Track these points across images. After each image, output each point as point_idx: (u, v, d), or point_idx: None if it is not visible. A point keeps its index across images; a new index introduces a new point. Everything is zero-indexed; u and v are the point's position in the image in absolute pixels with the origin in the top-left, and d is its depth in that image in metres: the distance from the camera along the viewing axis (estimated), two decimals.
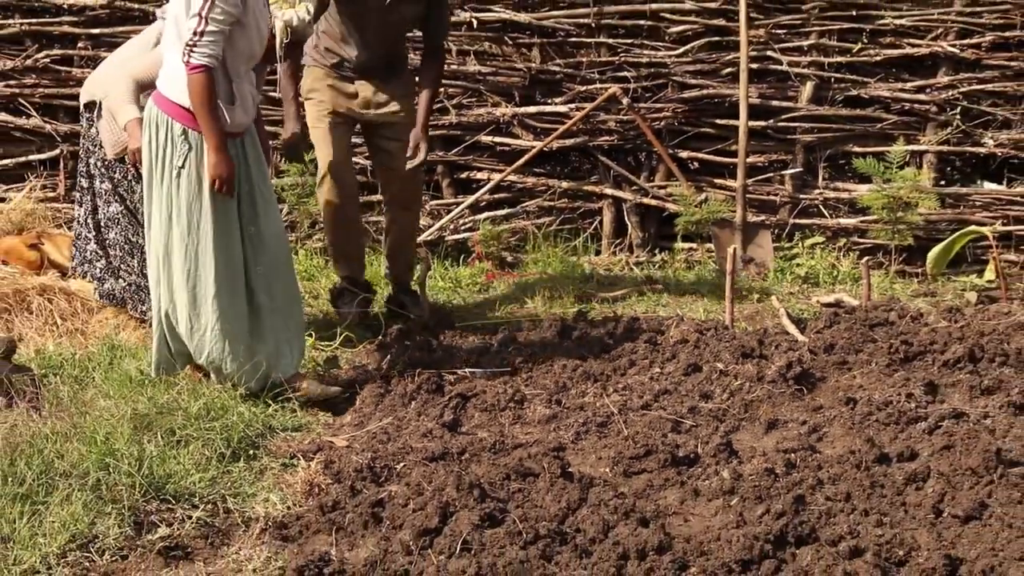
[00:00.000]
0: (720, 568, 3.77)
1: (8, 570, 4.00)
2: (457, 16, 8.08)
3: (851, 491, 4.42)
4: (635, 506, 4.32)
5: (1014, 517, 4.06)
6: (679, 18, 8.07)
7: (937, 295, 7.24)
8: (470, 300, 7.18)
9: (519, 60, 8.16)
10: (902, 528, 4.13)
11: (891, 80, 8.08)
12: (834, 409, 5.28)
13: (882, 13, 8.02)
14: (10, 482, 4.42)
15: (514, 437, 5.12)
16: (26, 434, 4.75)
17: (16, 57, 8.00)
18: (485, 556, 3.91)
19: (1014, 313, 6.60)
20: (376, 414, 5.43)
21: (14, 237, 6.81)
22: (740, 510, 4.25)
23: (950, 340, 6.04)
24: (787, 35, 8.05)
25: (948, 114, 8.00)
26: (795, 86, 8.08)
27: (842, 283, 7.48)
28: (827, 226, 7.98)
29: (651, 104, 8.09)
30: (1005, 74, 8.01)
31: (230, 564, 4.21)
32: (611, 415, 5.28)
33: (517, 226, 8.06)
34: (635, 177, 8.17)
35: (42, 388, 5.32)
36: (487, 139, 8.12)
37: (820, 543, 3.99)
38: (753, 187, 7.99)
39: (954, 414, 5.07)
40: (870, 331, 6.27)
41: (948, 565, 3.82)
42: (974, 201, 7.97)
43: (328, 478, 4.75)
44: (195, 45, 4.76)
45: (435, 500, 4.32)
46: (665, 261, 8.00)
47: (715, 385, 5.64)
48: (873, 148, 7.97)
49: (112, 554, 4.21)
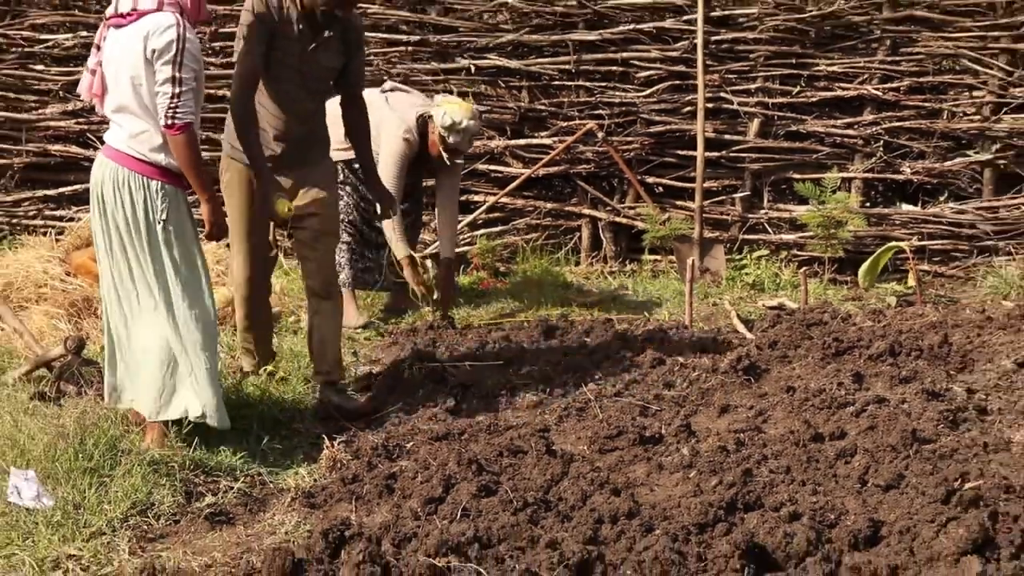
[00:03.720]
0: (680, 530, 3.79)
1: (80, 532, 4.01)
2: (457, 63, 8.11)
3: (791, 465, 4.43)
4: (609, 478, 4.33)
5: (926, 486, 4.08)
6: (646, 65, 8.10)
7: (863, 299, 7.26)
8: (469, 304, 7.19)
9: (510, 100, 8.19)
10: (833, 496, 4.14)
11: (825, 118, 8.11)
12: (776, 396, 5.30)
13: (817, 61, 8.05)
14: (80, 458, 4.42)
15: (506, 420, 5.14)
16: (94, 417, 4.74)
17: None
18: (482, 521, 3.92)
19: (927, 315, 6.64)
20: (389, 400, 5.45)
21: (83, 253, 6.80)
22: (697, 481, 4.27)
23: (874, 337, 6.07)
24: (737, 79, 8.08)
25: (872, 146, 8.04)
26: (744, 122, 8.11)
27: (784, 289, 7.50)
28: (771, 241, 8.00)
29: (622, 137, 8.11)
30: (920, 113, 8.05)
31: (266, 527, 4.23)
32: (588, 401, 5.30)
33: (509, 241, 8.08)
34: (609, 199, 8.20)
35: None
36: (483, 167, 8.14)
37: (764, 509, 4.00)
38: (709, 208, 8.01)
39: (877, 400, 5.09)
40: (807, 330, 6.30)
41: (871, 526, 3.83)
42: (894, 220, 7.99)
43: (348, 455, 4.76)
44: (177, 107, 4.35)
45: (439, 473, 4.34)
46: (634, 271, 8.02)
47: (676, 376, 5.66)
48: (810, 175, 7.99)
49: (166, 519, 4.23)
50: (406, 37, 8.11)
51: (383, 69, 8.10)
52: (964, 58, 8.01)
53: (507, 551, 3.73)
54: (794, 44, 8.07)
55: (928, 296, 7.18)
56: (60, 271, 6.74)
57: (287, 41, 4.83)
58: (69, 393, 5.18)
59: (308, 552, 3.82)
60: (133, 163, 4.52)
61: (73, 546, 3.93)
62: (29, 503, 4.15)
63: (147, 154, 4.49)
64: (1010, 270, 7.51)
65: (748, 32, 8.06)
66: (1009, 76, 7.97)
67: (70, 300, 6.48)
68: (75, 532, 4.01)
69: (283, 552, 3.79)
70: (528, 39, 8.14)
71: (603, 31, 8.11)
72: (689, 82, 8.02)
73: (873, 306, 6.99)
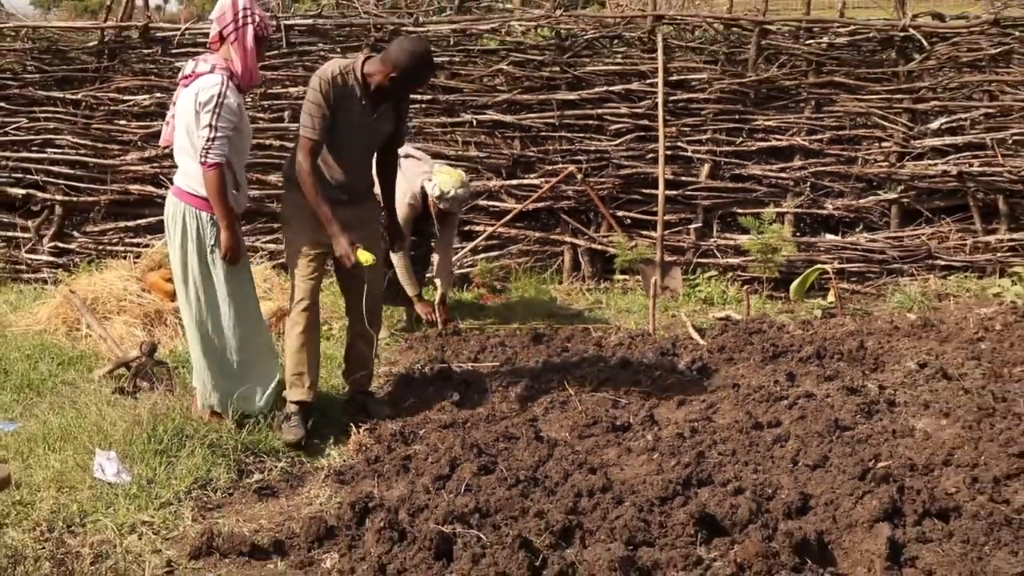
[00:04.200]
0: (645, 502, 3.79)
1: (152, 502, 4.02)
2: (461, 117, 8.11)
3: (736, 448, 4.44)
4: (586, 460, 4.34)
5: (846, 466, 4.09)
6: (617, 119, 8.09)
7: (794, 312, 7.26)
8: (471, 315, 7.18)
9: (505, 148, 8.18)
10: (771, 474, 4.14)
11: (762, 163, 8.11)
12: (724, 391, 5.30)
13: (756, 117, 8.06)
14: (152, 441, 4.44)
15: (501, 411, 5.14)
16: (163, 408, 4.76)
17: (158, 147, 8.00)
18: (481, 495, 3.92)
19: (847, 325, 6.65)
20: (404, 395, 5.43)
21: (156, 273, 6.81)
22: (659, 462, 4.27)
23: (803, 343, 6.08)
24: (691, 131, 8.07)
25: (801, 187, 8.03)
26: (696, 167, 8.10)
27: (730, 304, 7.49)
28: (719, 264, 8.00)
29: (597, 179, 8.10)
30: (839, 160, 8.05)
31: (304, 500, 4.22)
32: (570, 396, 5.30)
33: (504, 263, 8.06)
34: (586, 229, 8.19)
35: (174, 376, 5.33)
36: (483, 202, 8.13)
37: (714, 485, 4.01)
38: (668, 237, 8.01)
39: (806, 395, 5.10)
40: (749, 337, 6.30)
41: (802, 498, 3.84)
42: (819, 247, 7.99)
43: (372, 440, 4.77)
44: (210, 148, 4.36)
45: (446, 456, 4.34)
46: (607, 288, 8.01)
47: (642, 375, 5.66)
48: (751, 210, 7.98)
49: (222, 492, 4.23)
50: (420, 96, 8.11)
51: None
52: (874, 115, 8.01)
53: (503, 520, 3.72)
54: (737, 103, 8.07)
55: (847, 309, 7.18)
56: (136, 288, 6.74)
57: (350, 114, 4.66)
58: (143, 388, 5.19)
59: (338, 520, 3.83)
60: (189, 198, 4.56)
61: (146, 514, 3.94)
62: (111, 478, 4.16)
63: (198, 189, 4.52)
64: (913, 288, 7.52)
65: (699, 93, 8.05)
66: (910, 130, 7.98)
67: (144, 312, 6.49)
68: (148, 502, 4.02)
69: (318, 520, 3.79)
70: (520, 98, 8.13)
71: (581, 92, 8.10)
72: (652, 133, 8.02)
73: (803, 317, 7.00)
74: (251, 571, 3.58)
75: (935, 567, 3.34)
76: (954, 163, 7.88)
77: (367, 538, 3.62)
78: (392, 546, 3.51)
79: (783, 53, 8.10)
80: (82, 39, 8.43)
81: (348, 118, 4.66)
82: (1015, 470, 3.96)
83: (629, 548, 3.45)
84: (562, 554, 3.42)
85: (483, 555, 3.38)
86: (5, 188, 8.26)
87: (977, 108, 7.93)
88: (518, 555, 3.33)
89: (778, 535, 3.51)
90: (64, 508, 3.92)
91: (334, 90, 4.58)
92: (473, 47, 8.25)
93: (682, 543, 3.52)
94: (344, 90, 4.61)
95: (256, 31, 4.54)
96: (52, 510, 3.90)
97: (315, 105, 4.56)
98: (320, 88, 4.56)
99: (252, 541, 3.70)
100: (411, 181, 6.42)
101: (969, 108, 7.95)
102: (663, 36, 7.98)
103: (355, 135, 4.73)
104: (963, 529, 3.56)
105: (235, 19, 4.50)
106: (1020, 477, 3.92)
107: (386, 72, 4.59)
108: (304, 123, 4.59)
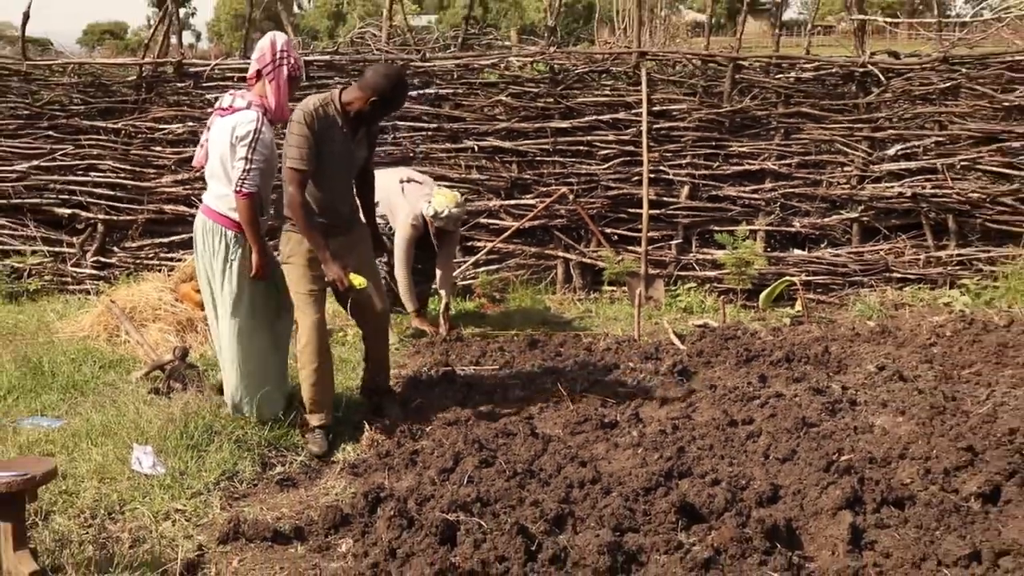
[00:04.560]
0: (631, 492, 3.79)
1: (184, 492, 4.02)
2: (464, 144, 8.12)
3: (713, 444, 4.44)
4: (577, 454, 4.33)
5: (812, 459, 4.09)
6: (605, 145, 8.11)
7: (766, 320, 7.27)
8: (473, 323, 7.18)
9: (504, 171, 8.19)
10: (744, 467, 4.15)
11: (737, 185, 8.12)
12: (702, 392, 5.31)
13: (731, 144, 8.08)
14: (184, 437, 4.44)
15: (500, 410, 5.13)
16: (195, 407, 4.75)
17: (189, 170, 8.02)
18: (482, 486, 3.91)
19: (813, 331, 6.65)
20: (412, 396, 5.43)
21: (187, 284, 6.81)
22: (643, 456, 4.27)
23: (774, 348, 6.08)
24: (672, 156, 8.09)
25: (772, 207, 8.05)
26: (677, 188, 8.12)
27: (707, 312, 7.50)
28: (698, 276, 8.00)
29: (587, 199, 8.11)
30: (806, 182, 8.07)
31: (322, 490, 4.22)
32: (562, 396, 5.30)
33: (503, 276, 8.05)
34: (578, 245, 8.19)
35: (204, 378, 5.32)
36: (484, 221, 8.13)
37: (694, 476, 4.01)
38: (651, 251, 8.01)
39: (776, 395, 5.10)
40: (725, 342, 6.31)
41: (772, 489, 3.84)
42: (788, 261, 7.99)
43: (383, 435, 4.76)
44: (245, 179, 4.32)
45: (451, 450, 4.34)
46: (596, 298, 8.01)
47: (628, 377, 5.66)
48: (726, 228, 7.99)
49: (247, 483, 4.23)
50: (427, 125, 8.13)
51: (409, 148, 8.13)
52: (837, 142, 8.04)
53: (502, 508, 3.72)
54: (713, 131, 8.09)
55: (813, 317, 7.19)
56: (170, 298, 6.74)
57: (333, 143, 4.54)
58: (176, 389, 5.18)
59: (352, 509, 3.82)
60: (217, 216, 4.54)
61: (179, 503, 3.94)
62: (147, 470, 4.16)
63: (227, 211, 4.51)
64: (872, 299, 7.52)
65: (680, 122, 8.07)
66: (869, 156, 8.00)
67: (177, 320, 6.49)
68: (180, 492, 4.01)
69: (334, 508, 3.78)
70: (517, 126, 8.15)
71: (573, 121, 8.12)
72: (636, 158, 8.03)
73: (773, 325, 7.01)
74: (273, 555, 3.58)
75: (892, 550, 3.35)
76: (908, 186, 7.90)
77: (379, 525, 3.62)
78: (401, 532, 3.50)
79: (755, 86, 8.12)
80: (122, 74, 8.45)
81: (332, 147, 4.53)
82: (963, 462, 3.97)
83: (616, 534, 3.45)
84: (555, 539, 3.42)
85: (484, 540, 3.38)
86: (53, 208, 8.27)
87: (929, 136, 7.96)
88: (515, 540, 3.33)
89: (751, 522, 3.51)
90: (105, 497, 3.92)
91: (318, 122, 4.46)
92: (475, 80, 8.27)
93: (664, 529, 3.52)
94: (326, 121, 4.49)
95: (290, 71, 4.55)
96: (94, 499, 3.90)
97: (301, 137, 4.42)
98: (305, 120, 4.43)
99: (274, 527, 3.70)
100: (413, 204, 6.44)
101: (921, 136, 7.98)
102: (647, 71, 8.01)
103: (338, 163, 4.61)
104: (917, 516, 3.57)
105: (273, 59, 4.52)
106: (968, 468, 3.93)
107: (366, 97, 4.49)
108: (291, 156, 4.44)
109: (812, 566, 3.33)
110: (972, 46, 8.53)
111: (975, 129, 7.89)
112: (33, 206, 8.27)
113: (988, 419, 4.52)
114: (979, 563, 3.24)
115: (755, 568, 3.24)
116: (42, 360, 5.76)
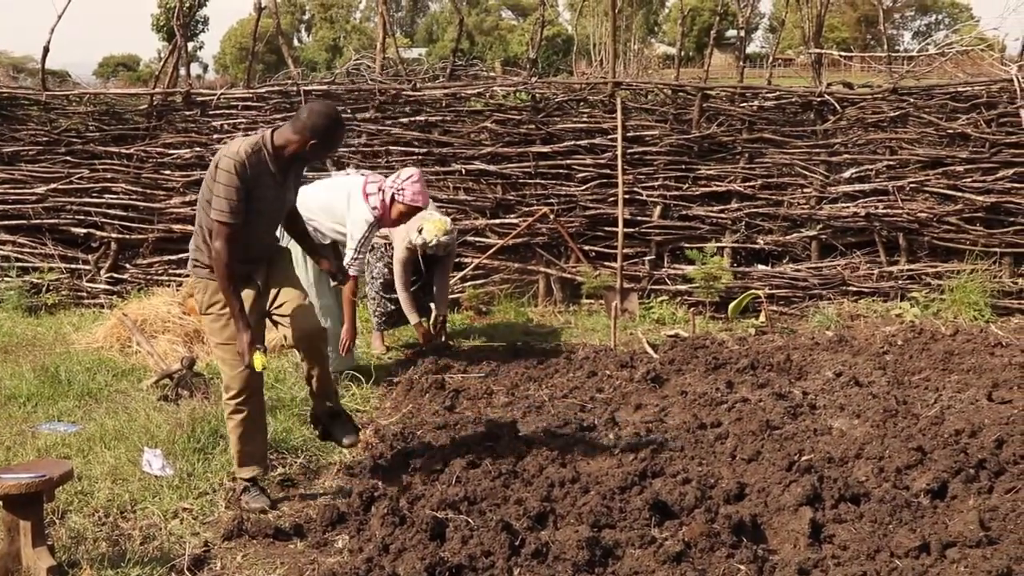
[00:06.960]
0: (608, 491, 3.79)
1: (191, 492, 4.00)
2: (452, 167, 8.13)
3: (684, 446, 4.45)
4: (558, 456, 4.33)
5: (775, 459, 4.11)
6: (583, 168, 8.13)
7: (732, 330, 7.30)
8: (461, 334, 7.18)
9: (489, 192, 8.20)
10: (713, 467, 4.16)
11: (705, 205, 8.15)
12: (674, 397, 5.32)
13: (699, 167, 8.11)
14: (191, 440, 4.42)
15: (487, 415, 5.12)
16: (201, 413, 4.73)
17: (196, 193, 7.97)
18: (469, 485, 3.91)
19: (775, 341, 6.69)
20: (405, 401, 5.42)
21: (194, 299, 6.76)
22: (620, 457, 4.28)
23: (740, 356, 6.10)
24: (645, 179, 8.13)
25: (737, 225, 8.09)
26: (650, 208, 8.15)
27: (678, 323, 7.52)
28: (669, 290, 8.01)
29: (567, 218, 8.12)
30: (769, 202, 8.11)
31: (319, 490, 4.20)
32: (544, 401, 5.30)
33: (488, 290, 8.06)
34: (558, 261, 8.20)
35: (210, 386, 5.30)
36: (471, 239, 8.13)
37: (666, 476, 4.01)
38: (626, 267, 8.04)
39: (742, 400, 5.12)
40: (695, 351, 6.32)
41: (739, 486, 3.85)
42: (753, 276, 8.02)
43: (376, 439, 4.74)
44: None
45: (440, 452, 4.33)
46: (576, 311, 8.02)
47: (605, 383, 5.67)
48: (696, 245, 8.02)
49: None
50: (417, 149, 8.14)
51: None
52: (797, 166, 8.09)
53: (488, 507, 3.72)
54: (683, 155, 8.13)
55: (776, 328, 7.23)
56: (178, 311, 6.71)
57: (266, 189, 3.83)
58: (184, 396, 5.16)
59: (348, 507, 3.81)
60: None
61: (187, 502, 3.92)
62: (157, 472, 4.13)
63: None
64: (830, 310, 7.56)
65: (652, 147, 8.11)
66: (827, 179, 8.06)
67: (185, 331, 6.47)
68: (188, 492, 3.99)
69: (331, 507, 3.77)
70: (502, 151, 8.16)
71: (553, 145, 8.14)
72: (612, 180, 8.05)
73: (739, 335, 7.04)
74: (275, 550, 3.56)
75: (849, 543, 3.37)
76: (862, 206, 7.95)
77: (373, 522, 3.61)
78: (394, 529, 3.50)
79: (721, 114, 8.18)
80: (135, 103, 8.44)
81: (263, 193, 3.82)
82: (914, 461, 3.99)
83: (594, 530, 3.45)
84: (538, 535, 3.42)
85: (471, 536, 3.38)
86: (70, 228, 8.23)
87: (880, 160, 8.02)
88: (500, 536, 3.33)
89: (719, 518, 3.52)
90: (118, 497, 3.90)
91: (249, 169, 3.73)
92: (462, 108, 8.29)
93: (639, 525, 3.52)
94: (258, 167, 3.77)
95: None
96: (108, 499, 3.88)
97: (231, 188, 3.70)
98: (235, 170, 3.70)
99: (276, 525, 3.68)
100: (409, 228, 6.43)
101: (874, 160, 8.04)
102: (621, 99, 8.05)
103: (268, 208, 3.89)
104: (872, 511, 3.58)
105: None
106: (918, 467, 3.96)
107: (304, 140, 3.78)
108: (221, 208, 3.71)
109: (775, 558, 3.34)
110: (919, 78, 8.66)
111: (922, 154, 7.97)
112: (51, 226, 8.23)
113: (936, 421, 4.56)
114: (928, 554, 3.26)
115: (723, 561, 3.25)
116: (59, 369, 5.73)
